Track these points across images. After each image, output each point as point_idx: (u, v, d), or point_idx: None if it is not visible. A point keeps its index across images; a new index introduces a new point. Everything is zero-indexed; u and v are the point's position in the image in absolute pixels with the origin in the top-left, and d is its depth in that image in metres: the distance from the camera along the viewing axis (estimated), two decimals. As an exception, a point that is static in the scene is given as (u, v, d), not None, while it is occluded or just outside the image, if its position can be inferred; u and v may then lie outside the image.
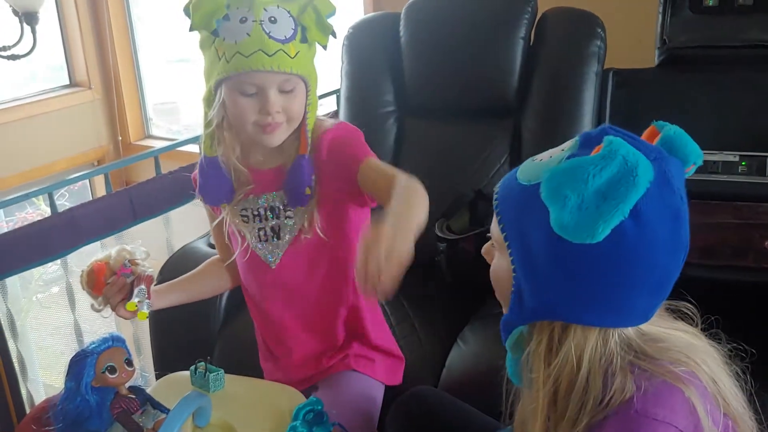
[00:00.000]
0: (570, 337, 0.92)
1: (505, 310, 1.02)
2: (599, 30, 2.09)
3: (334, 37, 1.35)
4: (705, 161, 1.95)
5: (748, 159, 1.91)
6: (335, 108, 2.60)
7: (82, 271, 1.37)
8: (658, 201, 0.87)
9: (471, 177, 2.13)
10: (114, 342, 1.19)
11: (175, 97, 4.25)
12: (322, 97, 2.55)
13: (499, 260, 1.02)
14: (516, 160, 2.14)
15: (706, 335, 0.99)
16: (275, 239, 1.46)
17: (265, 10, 1.27)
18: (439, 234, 1.99)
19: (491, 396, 1.60)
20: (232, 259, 1.52)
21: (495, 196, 0.99)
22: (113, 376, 1.16)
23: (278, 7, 1.29)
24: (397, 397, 1.46)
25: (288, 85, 1.33)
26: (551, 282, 0.91)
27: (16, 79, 3.82)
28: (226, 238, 1.54)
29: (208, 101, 1.37)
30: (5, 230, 2.21)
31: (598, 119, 2.10)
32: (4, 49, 2.28)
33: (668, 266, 0.91)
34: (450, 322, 1.89)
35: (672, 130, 0.95)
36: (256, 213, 1.46)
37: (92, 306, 1.39)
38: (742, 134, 1.95)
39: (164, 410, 1.17)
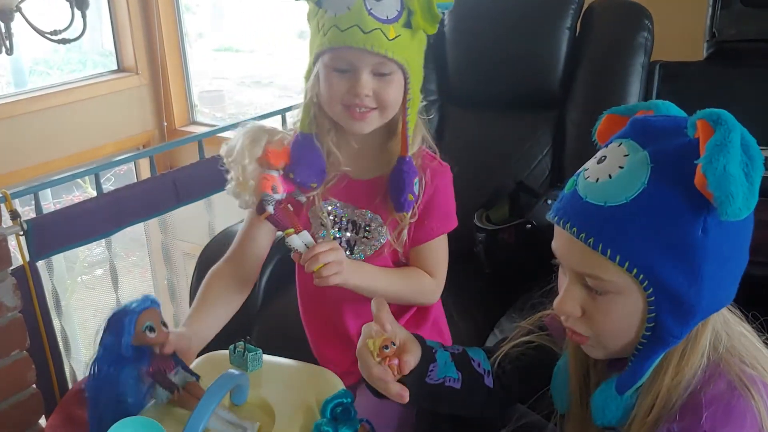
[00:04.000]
0: (707, 331, 0.89)
1: (610, 354, 0.95)
2: (647, 21, 2.06)
3: (442, 27, 1.30)
4: (754, 157, 1.93)
5: (799, 156, 1.87)
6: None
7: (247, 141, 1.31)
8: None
9: (512, 168, 2.12)
10: (151, 303, 1.20)
11: (221, 86, 4.30)
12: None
13: (617, 305, 0.89)
14: (559, 151, 2.12)
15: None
16: (347, 253, 1.41)
17: None
18: (478, 224, 1.99)
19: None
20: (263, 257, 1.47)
21: (586, 240, 0.85)
22: (152, 335, 1.18)
23: None
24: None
25: (383, 68, 1.26)
26: (714, 279, 0.85)
27: (67, 65, 3.90)
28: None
29: (307, 76, 1.33)
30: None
31: (644, 112, 2.07)
32: (55, 33, 2.31)
33: None
34: (487, 311, 1.89)
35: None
36: (338, 220, 1.42)
37: (240, 200, 1.37)
38: (792, 131, 1.92)
39: (194, 375, 1.21)
